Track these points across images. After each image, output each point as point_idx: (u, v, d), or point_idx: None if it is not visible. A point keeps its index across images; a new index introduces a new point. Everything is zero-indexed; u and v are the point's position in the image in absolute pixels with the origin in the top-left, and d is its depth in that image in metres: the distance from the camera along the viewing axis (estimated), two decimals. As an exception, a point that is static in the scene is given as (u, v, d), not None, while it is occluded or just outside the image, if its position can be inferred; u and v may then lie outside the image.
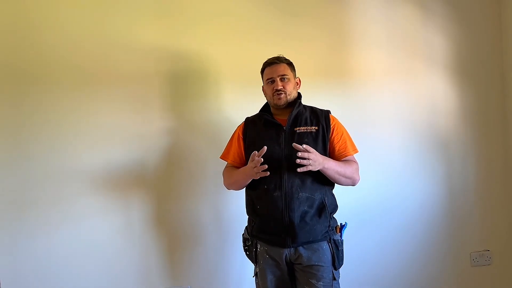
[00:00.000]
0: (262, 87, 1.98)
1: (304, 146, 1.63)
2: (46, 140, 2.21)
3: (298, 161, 1.60)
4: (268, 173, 1.65)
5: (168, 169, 2.35)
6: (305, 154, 1.60)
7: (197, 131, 2.37)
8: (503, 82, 2.69)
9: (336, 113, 1.93)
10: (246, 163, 1.82)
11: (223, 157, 1.97)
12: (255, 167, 1.64)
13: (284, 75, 1.85)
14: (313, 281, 1.73)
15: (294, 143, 1.64)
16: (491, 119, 2.69)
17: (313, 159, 1.62)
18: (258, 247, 1.83)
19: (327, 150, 1.82)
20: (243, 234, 1.95)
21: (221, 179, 1.98)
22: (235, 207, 2.31)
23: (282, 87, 1.82)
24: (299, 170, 1.62)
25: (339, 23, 2.54)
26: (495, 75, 2.70)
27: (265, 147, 1.64)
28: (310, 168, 1.62)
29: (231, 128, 2.00)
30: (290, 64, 1.90)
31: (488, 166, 2.69)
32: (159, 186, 2.34)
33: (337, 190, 1.87)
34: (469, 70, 2.67)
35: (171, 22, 2.35)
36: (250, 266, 1.98)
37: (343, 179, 1.77)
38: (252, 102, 2.08)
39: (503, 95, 2.70)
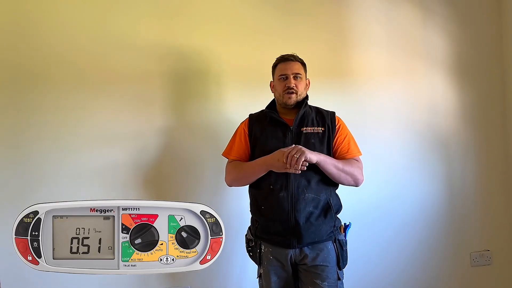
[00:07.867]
0: (271, 83, 1.94)
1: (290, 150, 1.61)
2: (47, 140, 2.18)
3: (295, 171, 1.61)
4: (305, 167, 1.62)
5: (168, 169, 2.32)
6: (295, 158, 1.58)
7: (198, 131, 2.35)
8: (503, 82, 2.70)
9: (336, 113, 1.92)
10: (251, 159, 1.80)
11: (226, 154, 1.91)
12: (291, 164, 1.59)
13: (298, 73, 1.82)
14: (318, 281, 1.71)
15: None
16: (491, 119, 2.70)
17: (298, 151, 1.59)
18: (262, 248, 1.80)
19: (332, 151, 1.81)
20: (246, 235, 1.92)
21: (221, 179, 1.95)
22: (235, 207, 2.28)
23: (294, 85, 1.79)
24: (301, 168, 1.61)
25: (339, 23, 2.53)
26: (495, 75, 2.71)
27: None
28: (303, 159, 1.58)
29: (231, 129, 1.98)
30: (303, 64, 1.88)
31: (488, 166, 2.70)
32: (159, 186, 2.32)
33: (338, 191, 1.86)
34: (469, 70, 2.68)
35: (172, 22, 2.33)
36: (250, 266, 1.96)
37: (343, 176, 1.74)
38: (253, 103, 2.06)
39: (503, 95, 2.71)
